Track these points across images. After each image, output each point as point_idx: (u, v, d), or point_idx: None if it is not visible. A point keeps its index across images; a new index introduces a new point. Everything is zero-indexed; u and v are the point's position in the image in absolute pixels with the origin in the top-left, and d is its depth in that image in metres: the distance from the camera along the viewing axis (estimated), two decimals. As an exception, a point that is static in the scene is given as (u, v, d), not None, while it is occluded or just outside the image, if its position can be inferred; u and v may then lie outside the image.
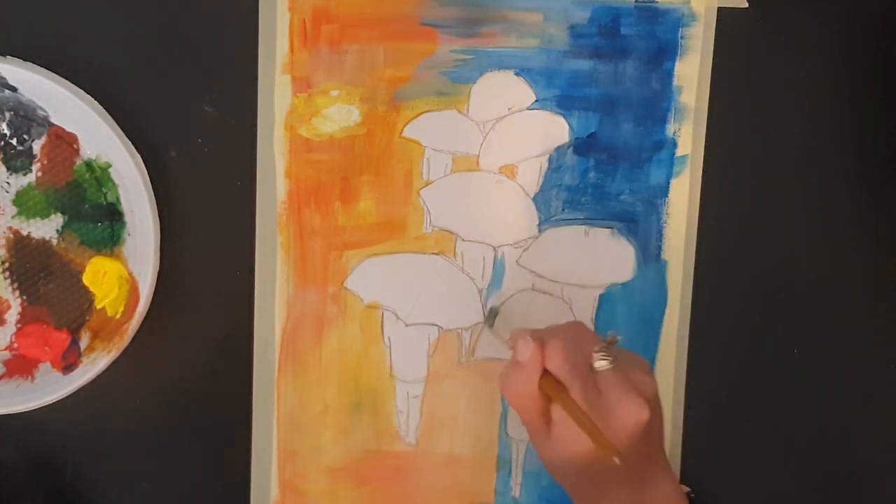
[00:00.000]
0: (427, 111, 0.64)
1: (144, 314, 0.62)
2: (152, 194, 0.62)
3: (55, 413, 0.63)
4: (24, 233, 0.63)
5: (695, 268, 0.66)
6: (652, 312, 0.67)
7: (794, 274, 0.67)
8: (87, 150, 0.62)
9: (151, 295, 0.62)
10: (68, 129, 0.61)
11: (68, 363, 0.62)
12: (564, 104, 0.65)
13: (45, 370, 0.63)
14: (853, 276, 0.67)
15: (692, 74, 0.65)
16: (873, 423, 0.69)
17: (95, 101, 0.61)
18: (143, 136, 0.62)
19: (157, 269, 0.62)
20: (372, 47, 0.63)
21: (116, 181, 0.62)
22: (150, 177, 0.62)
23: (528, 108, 0.65)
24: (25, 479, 0.64)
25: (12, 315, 0.63)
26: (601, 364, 0.55)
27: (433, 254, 0.66)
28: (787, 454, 0.68)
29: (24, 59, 0.60)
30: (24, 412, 0.62)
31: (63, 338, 0.62)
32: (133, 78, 0.62)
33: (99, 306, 0.63)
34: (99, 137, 0.61)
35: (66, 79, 0.61)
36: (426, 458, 0.67)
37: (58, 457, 0.65)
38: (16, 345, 0.63)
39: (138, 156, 0.61)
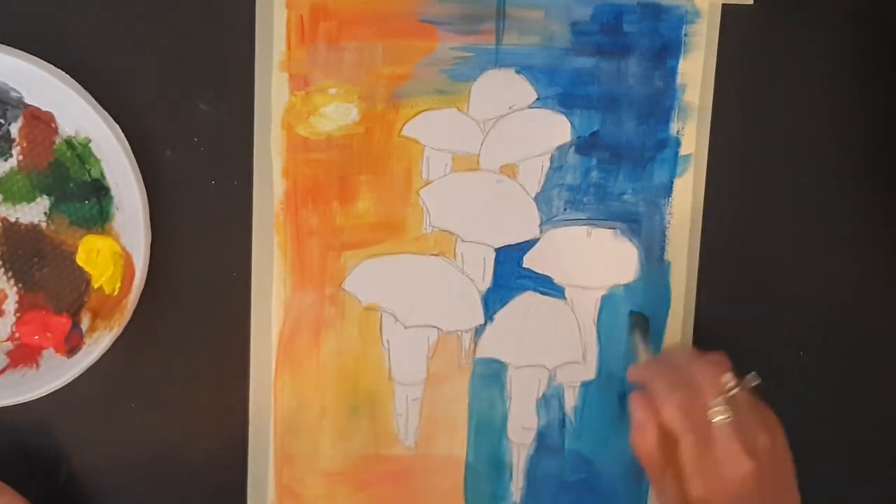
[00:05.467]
0: (426, 109, 0.63)
1: (142, 288, 0.61)
2: (136, 164, 0.60)
3: (51, 414, 0.63)
4: (12, 219, 0.62)
5: (698, 268, 0.66)
6: (655, 314, 0.66)
7: (798, 274, 0.67)
8: (66, 128, 0.61)
9: (147, 268, 0.61)
10: (44, 108, 0.60)
11: (72, 346, 0.61)
12: (566, 102, 0.64)
13: (49, 356, 0.62)
14: (859, 276, 0.67)
15: (696, 72, 0.64)
16: (878, 425, 0.68)
17: (67, 76, 0.59)
18: (139, 134, 0.61)
19: (150, 240, 0.61)
20: (370, 45, 0.63)
21: (98, 156, 0.61)
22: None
23: (530, 107, 0.64)
24: (21, 475, 0.63)
25: (10, 305, 0.62)
26: (717, 418, 0.56)
27: (433, 255, 0.65)
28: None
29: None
30: (30, 402, 0.61)
31: (63, 322, 0.61)
32: (128, 76, 0.62)
33: (96, 285, 0.61)
34: (75, 113, 0.60)
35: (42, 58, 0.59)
36: (425, 461, 0.66)
37: (52, 458, 0.65)
38: (17, 334, 0.62)
39: (117, 126, 0.60)
